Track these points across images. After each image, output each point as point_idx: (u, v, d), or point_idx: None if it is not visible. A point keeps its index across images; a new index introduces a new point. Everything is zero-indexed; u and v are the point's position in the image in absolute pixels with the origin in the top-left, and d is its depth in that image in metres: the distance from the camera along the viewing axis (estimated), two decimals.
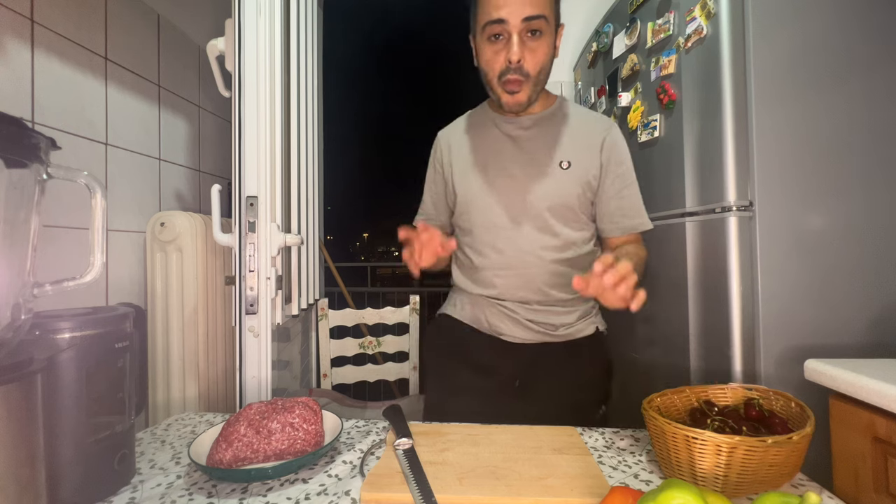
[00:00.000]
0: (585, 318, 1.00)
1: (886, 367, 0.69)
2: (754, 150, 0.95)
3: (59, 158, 0.54)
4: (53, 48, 1.07)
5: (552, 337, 0.97)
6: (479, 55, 0.92)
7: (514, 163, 0.96)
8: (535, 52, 0.86)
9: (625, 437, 0.76)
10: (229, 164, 1.00)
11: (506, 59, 0.86)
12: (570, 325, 0.98)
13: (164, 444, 0.75)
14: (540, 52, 0.87)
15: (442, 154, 1.06)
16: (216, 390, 1.39)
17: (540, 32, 0.85)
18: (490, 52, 0.88)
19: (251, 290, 0.96)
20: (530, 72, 0.87)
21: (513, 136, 0.98)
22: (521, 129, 0.98)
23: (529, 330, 0.97)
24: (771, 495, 0.45)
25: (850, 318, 0.94)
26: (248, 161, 0.97)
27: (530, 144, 0.96)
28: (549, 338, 0.97)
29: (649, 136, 1.21)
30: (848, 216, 0.95)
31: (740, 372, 0.95)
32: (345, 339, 1.69)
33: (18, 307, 0.49)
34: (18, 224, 0.50)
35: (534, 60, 0.87)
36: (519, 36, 0.84)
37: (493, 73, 0.89)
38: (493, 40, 0.87)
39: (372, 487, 0.59)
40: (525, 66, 0.86)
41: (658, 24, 1.18)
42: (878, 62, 0.96)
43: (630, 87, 1.34)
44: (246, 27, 0.96)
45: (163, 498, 0.58)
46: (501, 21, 0.83)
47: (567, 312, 0.98)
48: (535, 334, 0.97)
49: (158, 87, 1.45)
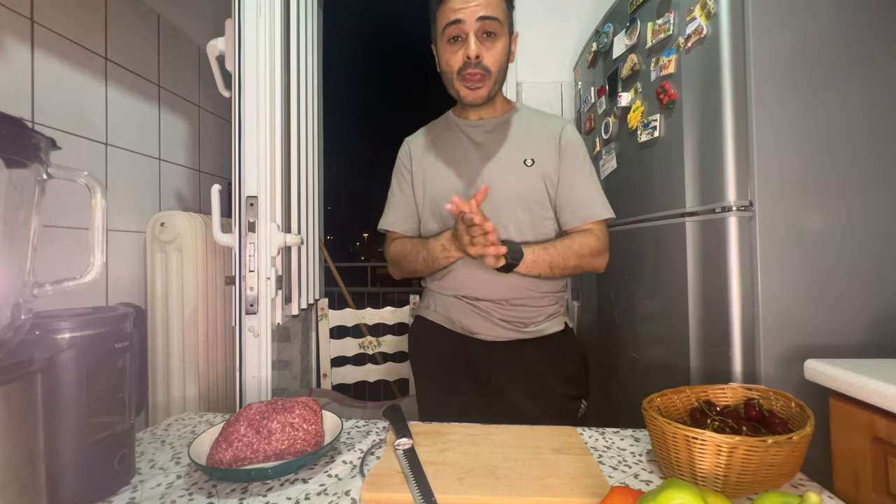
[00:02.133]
0: (554, 316, 1.04)
1: (886, 367, 0.68)
2: (754, 150, 0.95)
3: (59, 158, 0.54)
4: (53, 48, 1.07)
5: (523, 334, 1.01)
6: (440, 59, 0.99)
7: (482, 164, 1.01)
8: (492, 49, 0.93)
9: (625, 437, 0.76)
10: (229, 164, 1.00)
11: (464, 56, 0.93)
12: (540, 321, 1.02)
13: (164, 444, 0.75)
14: (496, 51, 0.94)
15: (411, 160, 1.10)
16: (216, 390, 1.39)
17: (495, 34, 0.93)
18: (449, 53, 0.95)
19: (251, 290, 0.96)
20: (490, 67, 0.94)
21: (477, 140, 1.04)
22: (485, 133, 1.04)
23: (501, 328, 1.00)
24: (771, 495, 0.45)
25: (850, 318, 0.94)
26: (248, 161, 0.97)
27: (495, 146, 1.02)
28: (521, 335, 1.00)
29: (649, 136, 1.20)
30: (848, 216, 0.95)
31: (740, 372, 0.95)
32: (345, 339, 1.69)
33: (18, 307, 0.49)
34: (18, 224, 0.50)
35: (492, 57, 0.94)
36: (476, 35, 0.91)
37: (453, 71, 0.96)
38: (452, 42, 0.94)
39: (372, 487, 0.59)
40: (484, 61, 0.93)
41: (658, 24, 1.18)
42: (878, 61, 0.96)
43: (630, 87, 1.34)
44: (246, 27, 0.96)
45: (163, 498, 0.58)
46: (458, 21, 0.91)
47: (536, 308, 1.02)
48: (507, 332, 1.00)
49: (158, 87, 1.45)
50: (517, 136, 1.03)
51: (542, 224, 1.02)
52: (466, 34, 0.92)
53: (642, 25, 1.25)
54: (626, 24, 1.34)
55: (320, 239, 1.72)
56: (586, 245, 0.97)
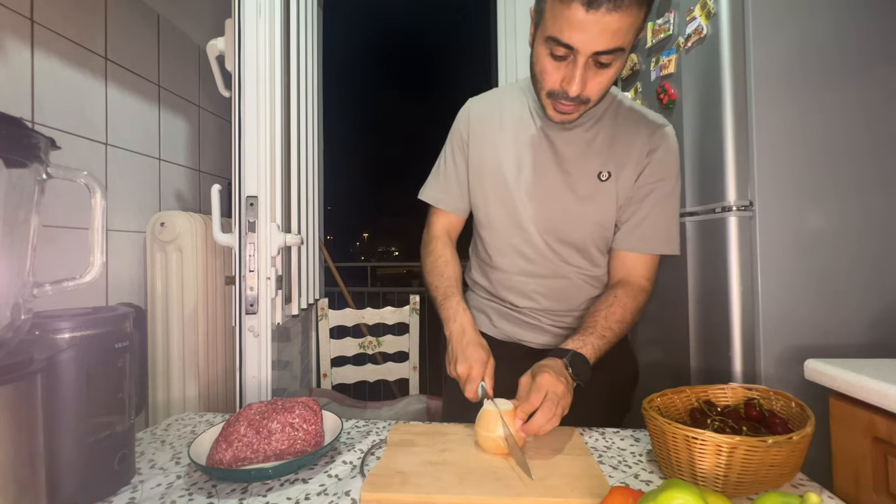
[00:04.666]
0: None
1: (886, 367, 0.68)
2: (754, 150, 0.95)
3: (59, 158, 0.54)
4: (53, 48, 1.07)
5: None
6: (535, 57, 0.77)
7: (550, 167, 0.87)
8: (599, 79, 0.73)
9: (625, 437, 0.76)
10: (229, 164, 1.00)
11: (563, 84, 0.73)
12: None
13: (164, 444, 0.75)
14: (604, 79, 0.73)
15: (469, 132, 0.94)
16: (216, 390, 1.39)
17: (609, 64, 0.71)
18: (549, 66, 0.73)
19: (251, 290, 0.96)
20: (590, 97, 0.75)
21: (552, 137, 0.87)
22: (562, 130, 0.86)
23: (553, 335, 0.92)
24: (771, 495, 0.45)
25: (850, 318, 0.94)
26: (248, 161, 0.97)
27: (568, 149, 0.86)
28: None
29: None
30: (848, 216, 0.95)
31: (740, 372, 0.95)
32: (345, 339, 1.69)
33: (18, 307, 0.49)
34: (18, 224, 0.50)
35: (597, 88, 0.74)
36: (585, 65, 0.70)
37: (544, 87, 0.77)
38: (553, 57, 0.72)
39: (372, 487, 0.59)
40: (585, 94, 0.74)
41: (658, 23, 1.18)
42: (877, 62, 0.96)
43: (630, 87, 1.34)
44: (246, 27, 0.96)
45: (163, 498, 0.58)
46: (569, 47, 0.69)
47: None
48: (559, 339, 0.91)
49: (158, 87, 1.45)
50: (599, 140, 0.86)
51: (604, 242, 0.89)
52: (575, 60, 0.70)
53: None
54: None
55: (320, 239, 1.72)
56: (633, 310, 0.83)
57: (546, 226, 0.88)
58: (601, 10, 0.64)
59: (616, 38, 0.67)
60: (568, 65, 0.72)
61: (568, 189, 0.86)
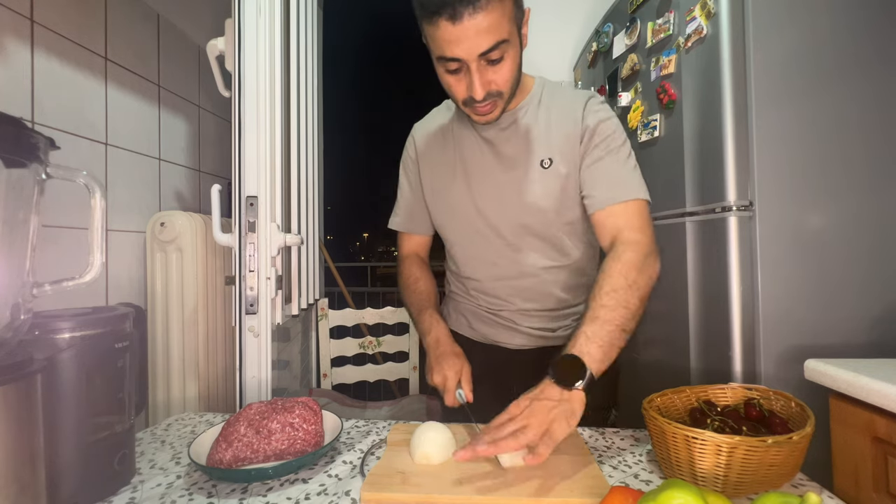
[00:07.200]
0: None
1: (886, 367, 0.69)
2: (754, 150, 0.95)
3: (59, 158, 0.54)
4: (53, 48, 1.07)
5: (551, 340, 0.94)
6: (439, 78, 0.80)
7: (495, 170, 0.89)
8: (500, 72, 0.75)
9: (625, 437, 0.76)
10: (229, 164, 1.00)
11: (468, 91, 0.76)
12: (569, 326, 0.94)
13: (164, 444, 0.75)
14: (505, 70, 0.75)
15: (418, 152, 0.98)
16: (216, 390, 1.39)
17: (501, 58, 0.73)
18: (450, 80, 0.77)
19: (251, 290, 0.96)
20: (501, 89, 0.77)
21: (490, 139, 0.89)
22: (498, 130, 0.88)
23: (529, 336, 0.94)
24: (771, 495, 0.45)
25: (850, 318, 0.94)
26: (248, 161, 0.97)
27: (508, 146, 0.88)
28: (548, 342, 0.94)
29: (649, 136, 1.20)
30: (848, 216, 0.95)
31: (740, 372, 0.95)
32: (345, 339, 1.69)
33: (18, 307, 0.49)
34: (18, 224, 0.50)
35: (501, 80, 0.76)
36: (478, 67, 0.73)
37: (458, 100, 0.80)
38: (451, 72, 0.75)
39: (372, 487, 0.59)
40: (492, 88, 0.76)
41: (658, 23, 1.18)
42: (877, 62, 0.96)
43: (630, 87, 1.34)
44: (246, 27, 0.96)
45: (163, 498, 0.58)
46: (456, 59, 0.72)
47: (565, 315, 0.95)
48: (535, 339, 0.94)
49: (158, 87, 1.45)
50: (534, 129, 0.87)
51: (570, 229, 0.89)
52: (468, 67, 0.73)
53: (642, 25, 1.25)
54: (626, 24, 1.34)
55: (320, 239, 1.72)
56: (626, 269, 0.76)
57: (504, 228, 0.89)
58: (464, 18, 0.67)
59: (492, 34, 0.69)
60: (465, 74, 0.75)
61: (515, 187, 0.87)
